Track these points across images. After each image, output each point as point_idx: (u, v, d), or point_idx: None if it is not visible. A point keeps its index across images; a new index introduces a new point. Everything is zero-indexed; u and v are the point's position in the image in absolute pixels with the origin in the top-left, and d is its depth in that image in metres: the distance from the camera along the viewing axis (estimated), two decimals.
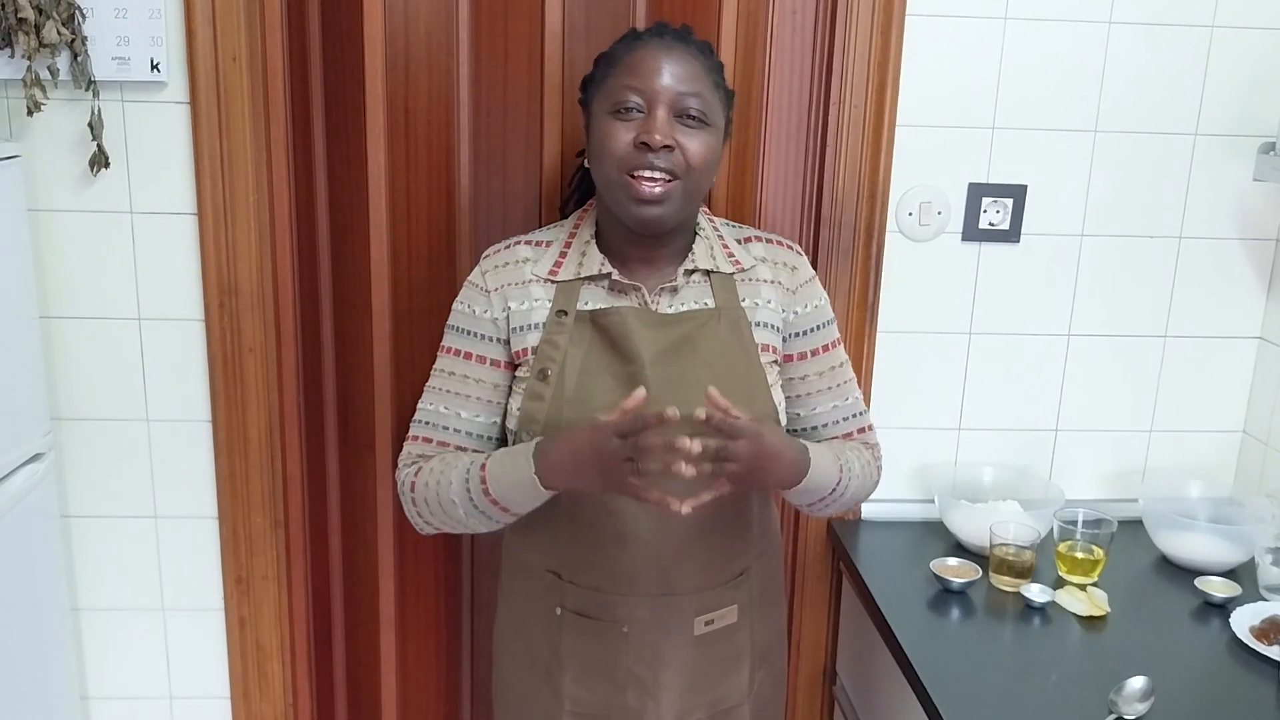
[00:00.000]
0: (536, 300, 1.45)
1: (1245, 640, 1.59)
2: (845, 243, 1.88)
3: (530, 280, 1.46)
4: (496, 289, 1.47)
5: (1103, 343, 1.99)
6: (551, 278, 1.45)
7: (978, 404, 2.00)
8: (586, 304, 1.44)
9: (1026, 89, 1.86)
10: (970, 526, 1.86)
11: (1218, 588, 1.74)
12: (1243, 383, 2.03)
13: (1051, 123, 1.88)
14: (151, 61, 1.71)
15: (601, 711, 1.50)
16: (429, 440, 1.49)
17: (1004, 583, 1.75)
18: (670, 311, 1.44)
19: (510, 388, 1.48)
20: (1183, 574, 1.82)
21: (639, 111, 1.36)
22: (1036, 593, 1.71)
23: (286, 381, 1.90)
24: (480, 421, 1.48)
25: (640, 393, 1.25)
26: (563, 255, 1.47)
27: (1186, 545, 1.83)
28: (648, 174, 1.35)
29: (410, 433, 1.51)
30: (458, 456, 1.44)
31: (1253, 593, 1.73)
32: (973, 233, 1.91)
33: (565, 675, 1.49)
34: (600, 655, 1.47)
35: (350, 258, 1.87)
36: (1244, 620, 1.63)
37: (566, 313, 1.43)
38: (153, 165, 1.76)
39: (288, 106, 1.81)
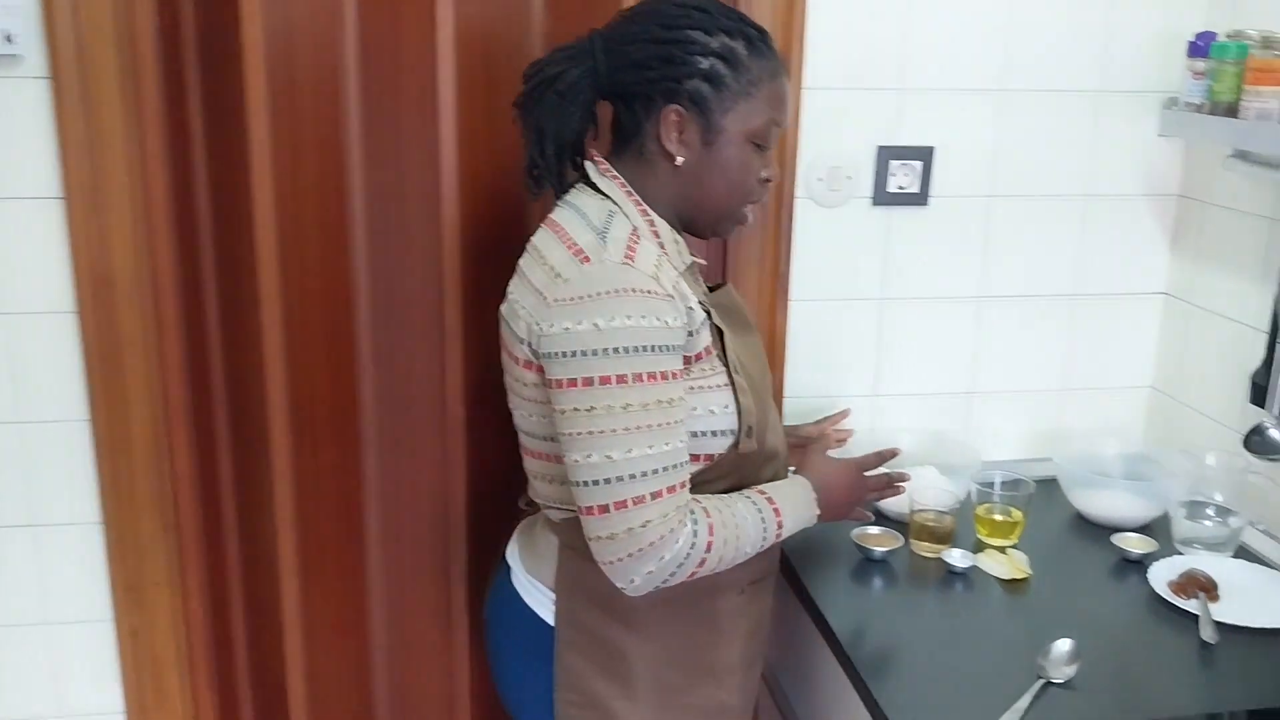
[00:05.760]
0: (690, 294, 1.34)
1: (1164, 595, 1.60)
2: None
3: (677, 272, 1.35)
4: (675, 291, 1.30)
5: (1014, 303, 1.99)
6: (680, 268, 1.37)
7: (892, 369, 1.99)
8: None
9: (932, 49, 1.84)
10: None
11: (1134, 544, 1.75)
12: (1150, 339, 2.05)
13: (957, 83, 1.86)
14: (6, 34, 1.59)
15: (752, 678, 1.55)
16: (685, 485, 1.30)
17: (925, 549, 1.73)
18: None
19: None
20: (1100, 531, 1.82)
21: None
22: (958, 558, 1.69)
23: (171, 376, 1.80)
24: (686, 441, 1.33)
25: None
26: (662, 245, 1.36)
27: (1102, 503, 1.84)
28: (754, 204, 1.42)
29: (651, 488, 1.25)
30: (725, 503, 1.34)
31: (1168, 547, 1.75)
32: (882, 196, 1.89)
33: (734, 651, 1.49)
34: (759, 616, 1.53)
35: (235, 241, 1.76)
36: (1161, 575, 1.64)
37: (703, 300, 1.38)
38: (11, 146, 1.65)
39: (160, 80, 1.70)
